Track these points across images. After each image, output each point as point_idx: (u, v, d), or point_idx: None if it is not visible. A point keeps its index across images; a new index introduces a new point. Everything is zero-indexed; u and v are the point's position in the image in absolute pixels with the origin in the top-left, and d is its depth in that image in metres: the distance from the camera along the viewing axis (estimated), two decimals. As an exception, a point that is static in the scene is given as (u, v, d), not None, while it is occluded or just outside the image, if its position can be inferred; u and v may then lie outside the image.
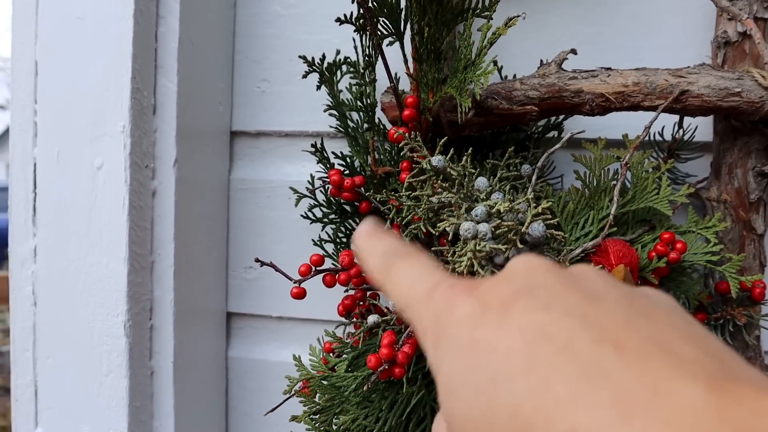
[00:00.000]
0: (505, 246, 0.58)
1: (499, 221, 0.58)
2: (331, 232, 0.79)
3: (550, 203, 0.60)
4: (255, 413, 0.90)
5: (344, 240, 0.80)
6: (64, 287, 0.75)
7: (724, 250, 0.72)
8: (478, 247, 0.55)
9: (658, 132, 0.77)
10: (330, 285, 0.68)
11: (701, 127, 0.76)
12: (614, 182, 0.68)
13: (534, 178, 0.67)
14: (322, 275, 0.68)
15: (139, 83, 0.71)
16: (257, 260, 0.67)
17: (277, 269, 0.67)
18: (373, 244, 0.35)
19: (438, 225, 0.61)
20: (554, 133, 0.77)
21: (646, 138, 0.75)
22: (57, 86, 0.73)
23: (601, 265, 0.61)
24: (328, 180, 0.73)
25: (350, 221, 0.79)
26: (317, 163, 0.76)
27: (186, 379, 0.80)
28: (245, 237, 0.89)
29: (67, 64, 0.72)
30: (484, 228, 0.57)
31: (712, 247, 0.67)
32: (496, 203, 0.59)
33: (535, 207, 0.58)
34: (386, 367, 0.60)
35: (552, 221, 0.61)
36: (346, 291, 0.76)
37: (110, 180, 0.72)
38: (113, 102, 0.71)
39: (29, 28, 0.74)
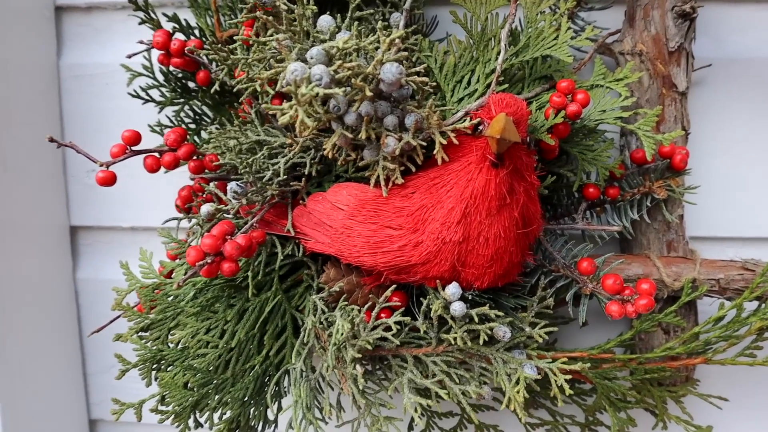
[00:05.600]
0: (353, 92, 0.44)
1: (341, 62, 0.44)
2: (172, 115, 0.65)
3: (404, 34, 0.46)
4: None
5: (192, 126, 0.66)
6: None
7: (637, 104, 0.60)
8: (304, 91, 0.42)
9: (562, -25, 0.64)
10: (151, 170, 0.54)
11: (614, -31, 0.63)
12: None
13: (402, 23, 0.53)
14: (142, 157, 0.54)
15: None
16: (51, 139, 0.51)
17: (78, 150, 0.52)
18: None
19: (262, 75, 0.47)
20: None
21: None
22: None
23: (479, 119, 0.48)
24: (152, 44, 0.58)
25: (198, 103, 0.65)
26: (139, 23, 0.60)
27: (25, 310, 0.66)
28: (83, 132, 0.73)
29: None
30: (318, 70, 0.44)
31: (623, 101, 0.54)
32: (336, 43, 0.45)
33: (387, 38, 0.44)
34: (209, 261, 0.47)
35: (419, 69, 0.47)
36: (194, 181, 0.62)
37: None
38: None
39: None
